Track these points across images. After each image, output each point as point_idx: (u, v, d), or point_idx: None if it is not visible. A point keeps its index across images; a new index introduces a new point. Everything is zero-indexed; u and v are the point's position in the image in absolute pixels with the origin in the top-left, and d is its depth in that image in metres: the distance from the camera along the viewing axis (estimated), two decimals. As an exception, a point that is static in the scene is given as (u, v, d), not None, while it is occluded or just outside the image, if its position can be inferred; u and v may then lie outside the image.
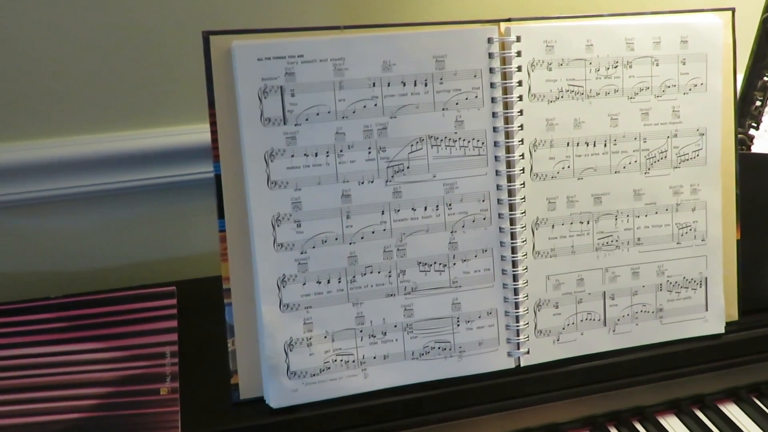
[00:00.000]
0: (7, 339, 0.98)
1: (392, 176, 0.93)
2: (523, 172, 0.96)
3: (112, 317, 1.01)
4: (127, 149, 1.11)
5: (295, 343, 0.91)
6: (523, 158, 0.96)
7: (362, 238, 0.93)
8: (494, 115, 0.95)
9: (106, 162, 1.11)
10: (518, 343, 0.98)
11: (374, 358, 0.94)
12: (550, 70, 0.96)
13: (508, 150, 0.95)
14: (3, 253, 1.12)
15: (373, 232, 0.93)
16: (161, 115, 1.13)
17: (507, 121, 0.95)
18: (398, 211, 0.93)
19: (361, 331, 0.93)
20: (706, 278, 1.04)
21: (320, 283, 0.92)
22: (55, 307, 1.02)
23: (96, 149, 1.10)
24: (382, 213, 0.93)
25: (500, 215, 0.96)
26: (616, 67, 0.98)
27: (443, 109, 0.93)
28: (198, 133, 1.11)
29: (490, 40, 0.94)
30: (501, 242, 0.96)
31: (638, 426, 1.03)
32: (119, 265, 1.17)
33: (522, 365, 0.98)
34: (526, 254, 0.97)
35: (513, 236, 0.96)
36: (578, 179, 0.98)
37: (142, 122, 1.13)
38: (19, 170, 1.09)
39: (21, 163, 1.09)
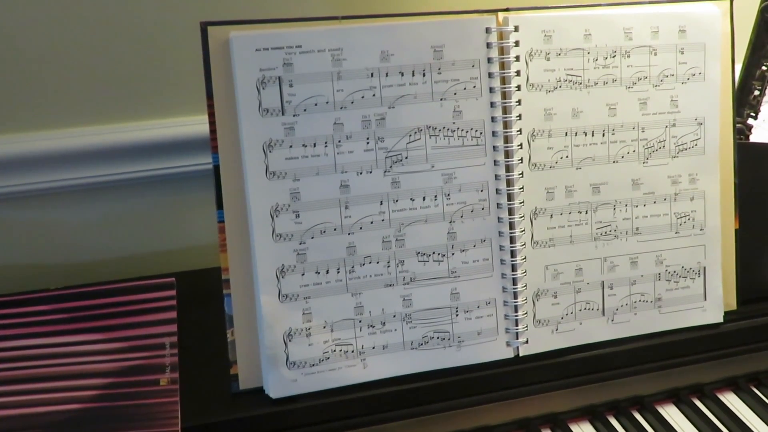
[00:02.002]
0: (6, 330, 0.98)
1: (391, 166, 0.93)
2: (522, 162, 0.96)
3: (111, 308, 1.02)
4: (126, 141, 1.11)
5: (294, 334, 0.92)
6: (521, 148, 0.96)
7: (361, 228, 0.93)
8: (492, 105, 0.95)
9: (104, 154, 1.11)
10: (517, 333, 0.98)
11: (373, 348, 0.94)
12: (548, 59, 0.96)
13: (507, 140, 0.95)
14: (2, 245, 1.12)
15: (371, 223, 0.93)
16: (159, 107, 1.13)
17: (505, 110, 0.95)
18: (397, 201, 0.93)
19: (360, 321, 0.93)
20: (705, 268, 1.05)
21: (319, 273, 0.92)
22: (54, 298, 1.02)
23: (94, 141, 1.10)
24: (381, 203, 0.93)
25: (499, 205, 0.96)
26: (614, 56, 0.98)
27: (441, 99, 0.93)
28: (196, 125, 1.11)
29: (488, 30, 0.94)
30: (500, 232, 0.96)
31: (637, 415, 1.03)
32: (118, 257, 1.17)
33: (521, 355, 0.99)
34: (524, 244, 0.97)
35: (512, 226, 0.96)
36: (576, 169, 0.99)
37: (140, 114, 1.13)
38: (17, 162, 1.09)
39: (18, 155, 1.09)
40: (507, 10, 0.95)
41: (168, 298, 1.03)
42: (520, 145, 0.96)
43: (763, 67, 1.13)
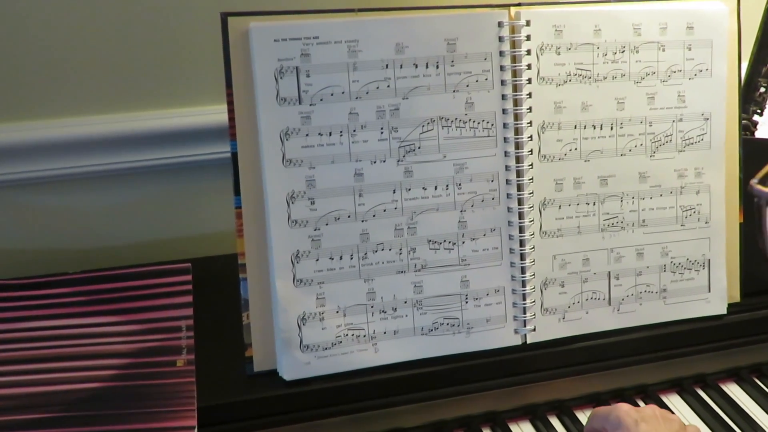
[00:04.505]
0: (27, 312, 1.01)
1: (404, 156, 0.95)
2: (532, 154, 0.98)
3: (128, 292, 1.04)
4: (144, 129, 1.13)
5: (308, 318, 0.94)
6: (531, 140, 0.98)
7: (374, 216, 0.95)
8: (504, 97, 0.97)
9: (123, 141, 1.13)
10: (525, 321, 1.00)
11: (384, 333, 0.96)
12: (559, 54, 0.98)
13: (517, 132, 0.97)
14: (23, 230, 1.14)
15: (384, 211, 0.95)
16: (177, 96, 1.15)
17: (516, 103, 0.97)
18: (409, 190, 0.95)
19: (372, 307, 0.96)
20: (709, 260, 1.06)
21: (333, 259, 0.94)
22: (74, 281, 1.05)
23: (114, 129, 1.12)
24: (394, 192, 0.95)
25: (508, 195, 0.98)
26: (623, 51, 1.00)
27: (454, 91, 0.95)
28: (214, 114, 1.13)
29: (500, 24, 0.96)
30: (509, 222, 0.99)
31: (641, 404, 1.05)
32: (135, 242, 1.19)
33: (528, 342, 1.00)
34: (533, 234, 0.99)
35: (521, 216, 0.98)
36: (585, 161, 1.01)
37: (158, 103, 1.14)
38: (37, 148, 1.11)
39: (38, 141, 1.11)
40: (519, 4, 0.97)
41: (184, 283, 1.05)
42: (530, 136, 0.98)
43: (769, 65, 1.15)
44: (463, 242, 0.98)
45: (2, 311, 1.00)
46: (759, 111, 1.16)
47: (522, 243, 0.99)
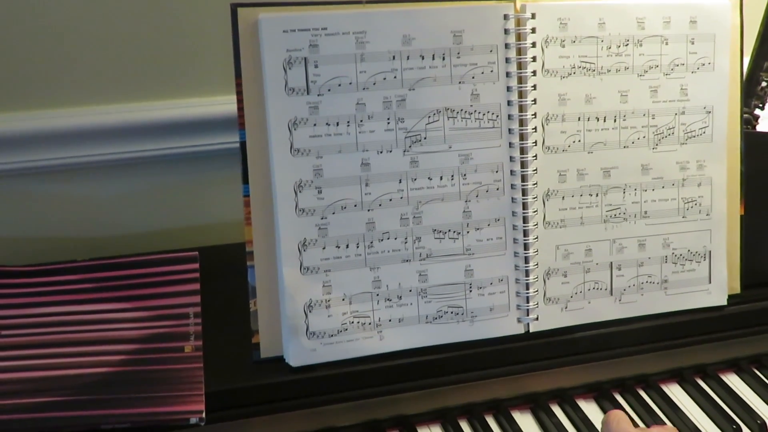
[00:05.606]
0: (37, 298, 1.02)
1: (410, 146, 0.96)
2: (536, 145, 0.99)
3: (137, 279, 1.05)
4: (156, 119, 1.14)
5: (315, 305, 0.95)
6: (535, 131, 0.99)
7: (380, 205, 0.96)
8: (509, 89, 0.98)
9: (132, 131, 1.14)
10: (528, 310, 1.01)
11: (389, 320, 0.97)
12: (564, 46, 0.99)
13: (522, 123, 0.98)
14: (33, 218, 1.16)
15: (390, 200, 0.96)
16: (187, 86, 1.16)
17: (521, 95, 0.98)
18: (415, 180, 0.97)
19: (377, 295, 0.97)
20: (710, 252, 1.07)
21: (339, 247, 0.95)
22: (83, 269, 1.06)
23: (123, 118, 1.13)
24: (400, 182, 0.96)
25: (513, 186, 0.99)
26: (627, 45, 1.01)
27: (460, 83, 0.96)
28: (223, 104, 1.14)
29: (506, 17, 0.97)
30: (513, 212, 1.00)
31: (642, 393, 1.06)
32: (142, 231, 1.20)
33: (531, 331, 1.02)
34: (537, 224, 1.01)
35: (525, 206, 0.99)
36: (588, 153, 1.02)
37: (168, 93, 1.15)
38: (47, 137, 1.12)
39: (48, 130, 1.12)
40: (525, -3, 0.98)
41: (191, 271, 1.06)
42: (535, 128, 0.99)
43: (771, 59, 1.16)
44: (468, 232, 0.99)
45: (13, 297, 1.01)
46: (760, 105, 1.17)
47: (526, 233, 1.00)
